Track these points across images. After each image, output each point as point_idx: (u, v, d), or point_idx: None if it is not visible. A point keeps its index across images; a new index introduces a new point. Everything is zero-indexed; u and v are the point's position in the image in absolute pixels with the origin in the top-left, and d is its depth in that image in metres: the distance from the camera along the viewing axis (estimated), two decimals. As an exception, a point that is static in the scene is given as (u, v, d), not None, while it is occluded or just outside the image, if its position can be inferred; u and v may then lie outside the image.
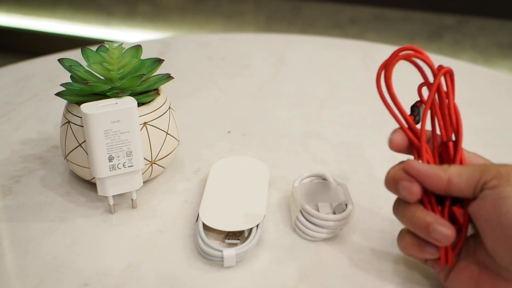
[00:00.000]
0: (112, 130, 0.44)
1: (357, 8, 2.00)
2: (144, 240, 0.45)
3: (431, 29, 1.93)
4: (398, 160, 0.54)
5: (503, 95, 0.72)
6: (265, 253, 0.44)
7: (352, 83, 0.75)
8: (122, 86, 0.47)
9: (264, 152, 0.58)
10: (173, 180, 0.53)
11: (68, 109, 0.48)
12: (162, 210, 0.49)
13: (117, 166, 0.45)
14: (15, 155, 0.57)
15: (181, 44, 0.90)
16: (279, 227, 0.46)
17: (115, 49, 0.47)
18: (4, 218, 0.48)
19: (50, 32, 2.32)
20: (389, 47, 0.89)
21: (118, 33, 2.26)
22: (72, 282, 0.41)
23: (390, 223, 0.47)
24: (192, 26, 2.20)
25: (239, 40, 0.91)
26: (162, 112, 0.49)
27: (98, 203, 0.49)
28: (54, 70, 0.77)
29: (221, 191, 0.48)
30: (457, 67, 0.80)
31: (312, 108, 0.68)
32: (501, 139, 0.61)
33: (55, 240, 0.45)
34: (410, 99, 0.43)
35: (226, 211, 0.46)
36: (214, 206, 0.46)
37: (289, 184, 0.52)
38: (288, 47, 0.88)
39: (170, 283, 0.41)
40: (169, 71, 0.51)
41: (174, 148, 0.51)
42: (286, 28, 2.06)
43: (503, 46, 1.88)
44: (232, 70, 0.79)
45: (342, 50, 0.87)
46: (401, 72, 0.83)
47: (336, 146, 0.59)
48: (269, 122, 0.64)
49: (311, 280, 0.41)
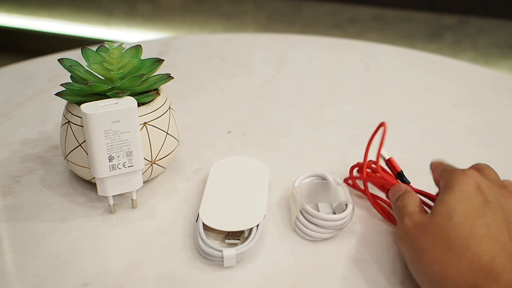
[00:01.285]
0: (112, 130, 0.44)
1: (357, 8, 2.00)
2: (144, 240, 0.45)
3: (431, 29, 1.93)
4: (398, 160, 0.54)
5: (503, 95, 0.72)
6: (265, 253, 0.44)
7: (352, 83, 0.75)
8: (122, 86, 0.47)
9: (264, 152, 0.58)
10: (173, 180, 0.53)
11: (68, 109, 0.48)
12: (162, 210, 0.49)
13: (117, 166, 0.45)
14: (15, 155, 0.57)
15: (181, 44, 0.90)
16: (279, 227, 0.46)
17: (115, 49, 0.47)
18: (4, 218, 0.48)
19: (50, 32, 2.32)
20: (389, 47, 0.89)
21: (118, 33, 2.26)
22: (72, 282, 0.41)
23: (390, 223, 0.47)
24: (192, 26, 2.20)
25: (239, 40, 0.91)
26: (162, 112, 0.49)
27: (98, 203, 0.49)
28: (54, 70, 0.77)
29: (221, 191, 0.48)
30: (457, 67, 0.81)
31: (312, 108, 0.68)
32: (501, 139, 0.61)
33: (55, 240, 0.45)
34: (410, 99, 0.43)
35: (226, 211, 0.46)
36: (214, 206, 0.46)
37: (289, 184, 0.52)
38: (288, 47, 0.88)
39: (170, 283, 0.41)
40: (169, 71, 0.51)
41: (174, 148, 0.51)
42: (286, 28, 2.06)
43: (503, 46, 1.88)
44: (232, 70, 0.79)
45: (342, 50, 0.87)
46: (401, 72, 0.83)
47: (336, 146, 0.59)
48: (269, 122, 0.64)
49: (311, 280, 0.41)
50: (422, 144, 0.60)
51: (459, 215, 0.37)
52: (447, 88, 0.74)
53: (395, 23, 1.96)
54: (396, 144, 0.59)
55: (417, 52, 0.87)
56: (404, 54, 0.86)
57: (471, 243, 0.36)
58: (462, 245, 0.36)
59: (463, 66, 0.80)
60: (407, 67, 0.81)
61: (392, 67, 0.81)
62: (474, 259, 0.35)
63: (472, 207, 0.37)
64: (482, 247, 0.35)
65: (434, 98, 0.71)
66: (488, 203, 0.38)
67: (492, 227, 0.36)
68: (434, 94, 0.72)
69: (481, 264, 0.35)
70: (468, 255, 0.35)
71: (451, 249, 0.36)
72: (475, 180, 0.39)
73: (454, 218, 0.37)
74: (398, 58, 0.85)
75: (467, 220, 0.37)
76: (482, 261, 0.35)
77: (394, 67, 0.81)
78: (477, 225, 0.36)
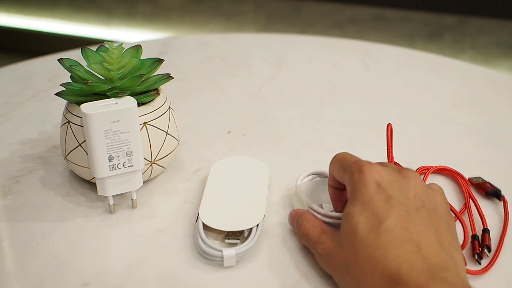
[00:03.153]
0: (112, 130, 0.44)
1: (357, 8, 2.00)
2: (144, 240, 0.45)
3: (431, 29, 1.93)
4: (398, 160, 0.54)
5: (503, 95, 0.72)
6: (265, 253, 0.44)
7: (352, 83, 0.75)
8: (122, 86, 0.47)
9: (264, 152, 0.58)
10: (173, 180, 0.53)
11: (68, 109, 0.48)
12: (162, 210, 0.49)
13: (117, 166, 0.45)
14: (15, 155, 0.57)
15: (181, 44, 0.90)
16: (279, 227, 0.46)
17: (115, 49, 0.47)
18: (4, 218, 0.48)
19: (50, 32, 2.32)
20: (389, 47, 0.89)
21: (118, 33, 2.26)
22: (72, 282, 0.41)
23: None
24: (192, 26, 2.20)
25: (239, 40, 0.91)
26: (162, 112, 0.49)
27: (98, 203, 0.49)
28: (54, 70, 0.77)
29: (221, 191, 0.48)
30: (457, 67, 0.81)
31: (312, 108, 0.68)
32: (501, 139, 0.61)
33: (55, 240, 0.45)
34: (410, 99, 0.43)
35: (226, 211, 0.46)
36: (214, 206, 0.46)
37: (289, 184, 0.52)
38: (288, 47, 0.88)
39: (170, 283, 0.41)
40: (169, 71, 0.51)
41: (174, 148, 0.51)
42: (286, 28, 2.06)
43: (503, 46, 1.88)
44: (232, 70, 0.79)
45: (342, 50, 0.87)
46: (401, 72, 0.83)
47: (336, 146, 0.59)
48: (269, 122, 0.64)
49: (311, 280, 0.41)
50: (422, 144, 0.60)
51: (363, 227, 0.36)
52: (447, 88, 0.74)
53: (395, 23, 1.96)
54: (396, 144, 0.59)
55: (417, 52, 0.87)
56: (404, 54, 0.86)
57: (378, 256, 0.35)
58: (370, 261, 0.35)
59: (463, 66, 0.80)
60: (407, 67, 0.81)
61: (392, 67, 0.81)
62: (384, 272, 0.34)
63: (374, 214, 0.36)
64: (388, 258, 0.34)
65: (434, 98, 0.71)
66: (390, 199, 0.36)
67: (396, 228, 0.35)
68: (434, 94, 0.72)
69: (391, 276, 0.34)
70: (378, 270, 0.34)
71: (363, 268, 0.35)
72: (373, 178, 0.38)
73: (359, 233, 0.36)
74: (398, 58, 0.85)
75: (371, 231, 0.36)
76: (390, 273, 0.34)
77: (394, 67, 0.81)
78: (380, 232, 0.35)
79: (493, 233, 0.45)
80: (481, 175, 0.53)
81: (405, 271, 0.33)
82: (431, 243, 0.35)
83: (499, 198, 0.49)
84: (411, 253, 0.34)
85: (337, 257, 0.38)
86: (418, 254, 0.34)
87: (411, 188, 0.38)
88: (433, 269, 0.34)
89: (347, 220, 0.37)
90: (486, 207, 0.49)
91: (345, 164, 0.41)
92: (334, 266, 0.38)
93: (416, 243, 0.35)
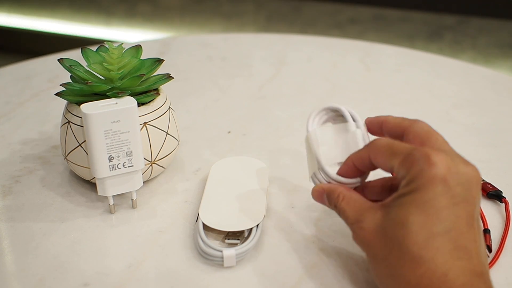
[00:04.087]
0: (112, 130, 0.44)
1: (357, 8, 2.00)
2: (144, 240, 0.45)
3: (431, 29, 1.93)
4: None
5: (503, 95, 0.72)
6: (265, 253, 0.44)
7: (352, 83, 0.75)
8: (122, 86, 0.47)
9: (264, 152, 0.58)
10: (173, 180, 0.53)
11: (68, 109, 0.48)
12: (162, 210, 0.49)
13: (117, 166, 0.45)
14: (15, 155, 0.57)
15: (181, 44, 0.90)
16: (279, 227, 0.46)
17: (115, 49, 0.47)
18: (4, 218, 0.48)
19: (50, 32, 2.32)
20: (389, 47, 0.89)
21: (118, 33, 2.26)
22: (72, 282, 0.41)
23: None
24: (192, 26, 2.20)
25: (239, 40, 0.91)
26: (162, 112, 0.49)
27: (98, 203, 0.49)
28: (54, 70, 0.77)
29: (221, 191, 0.48)
30: (457, 67, 0.81)
31: (312, 108, 0.68)
32: (501, 139, 0.61)
33: (55, 240, 0.45)
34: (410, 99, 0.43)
35: (226, 211, 0.46)
36: (214, 206, 0.46)
37: (289, 184, 0.52)
38: (288, 47, 0.88)
39: (170, 283, 0.41)
40: (169, 71, 0.51)
41: (174, 148, 0.51)
42: (286, 28, 2.06)
43: (503, 46, 1.88)
44: (232, 70, 0.79)
45: (342, 50, 0.87)
46: (401, 72, 0.83)
47: (336, 146, 0.59)
48: (269, 122, 0.64)
49: (311, 280, 0.41)
50: (422, 144, 0.60)
51: (415, 221, 0.33)
52: (447, 88, 0.74)
53: (395, 23, 1.96)
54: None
55: (417, 52, 0.87)
56: (404, 54, 0.86)
57: (425, 258, 0.33)
58: (415, 260, 0.33)
59: (463, 66, 0.80)
60: (407, 67, 0.81)
61: (392, 67, 0.81)
62: (426, 274, 0.33)
63: (434, 210, 0.33)
64: (436, 261, 0.33)
65: (434, 98, 0.71)
66: (453, 198, 0.34)
67: (452, 231, 0.33)
68: (434, 94, 0.72)
69: (431, 280, 0.32)
70: (420, 270, 0.33)
71: (403, 264, 0.34)
72: (443, 175, 0.34)
73: (409, 227, 0.34)
74: (398, 58, 0.85)
75: (423, 227, 0.33)
76: (433, 276, 0.32)
77: (394, 67, 0.81)
78: (435, 234, 0.33)
79: (494, 234, 0.45)
80: (481, 175, 0.53)
81: (452, 277, 0.32)
82: (481, 252, 0.34)
83: (500, 200, 0.49)
84: (461, 259, 0.33)
85: (375, 242, 0.36)
86: (469, 262, 0.33)
87: (473, 188, 0.35)
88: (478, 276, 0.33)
89: (399, 207, 0.34)
90: (486, 208, 0.49)
91: (398, 150, 0.36)
92: (370, 250, 0.36)
93: (468, 251, 0.33)
